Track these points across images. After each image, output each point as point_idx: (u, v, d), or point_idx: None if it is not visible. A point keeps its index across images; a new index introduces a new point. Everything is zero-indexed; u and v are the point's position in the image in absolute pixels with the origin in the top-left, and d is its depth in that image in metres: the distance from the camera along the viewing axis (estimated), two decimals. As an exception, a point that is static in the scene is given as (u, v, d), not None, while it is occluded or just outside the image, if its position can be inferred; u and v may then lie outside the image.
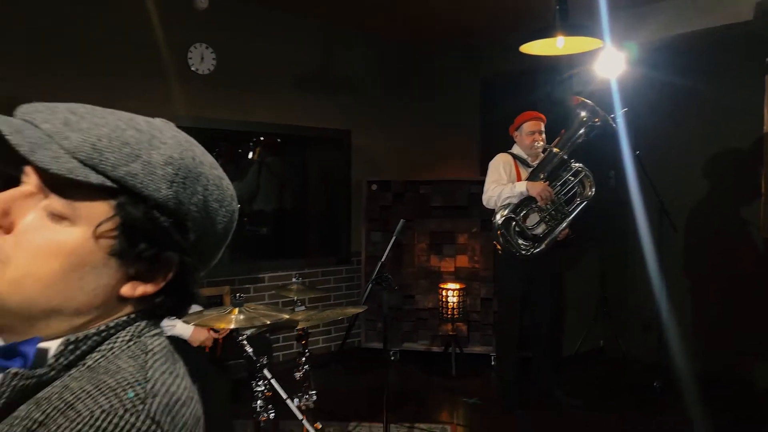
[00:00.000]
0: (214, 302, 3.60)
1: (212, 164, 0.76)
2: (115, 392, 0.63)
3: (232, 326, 2.21)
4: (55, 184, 0.66)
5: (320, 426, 2.52)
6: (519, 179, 4.00)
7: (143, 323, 0.73)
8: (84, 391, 0.63)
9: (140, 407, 0.62)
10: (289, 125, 5.19)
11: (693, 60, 4.70)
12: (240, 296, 2.34)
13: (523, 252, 3.96)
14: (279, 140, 5.53)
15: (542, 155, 4.01)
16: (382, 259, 2.96)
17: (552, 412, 4.07)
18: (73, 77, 4.05)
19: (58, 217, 0.67)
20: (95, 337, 0.69)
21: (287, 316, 2.43)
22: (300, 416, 2.38)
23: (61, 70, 4.00)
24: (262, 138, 5.47)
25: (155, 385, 0.66)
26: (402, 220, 3.07)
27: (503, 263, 4.16)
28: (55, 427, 0.61)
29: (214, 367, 3.02)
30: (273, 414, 2.33)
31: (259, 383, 2.32)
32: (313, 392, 2.78)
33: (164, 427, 0.63)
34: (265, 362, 2.33)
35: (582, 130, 3.89)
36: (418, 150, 5.77)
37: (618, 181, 5.10)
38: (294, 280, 3.06)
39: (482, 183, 4.11)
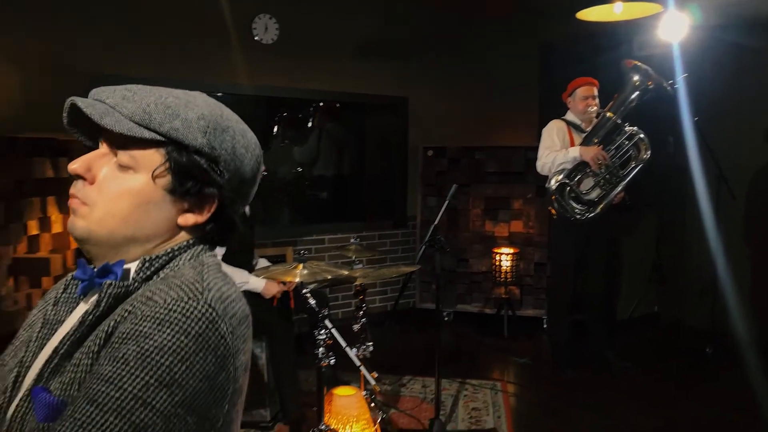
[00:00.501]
0: (278, 261, 3.83)
1: (238, 120, 0.99)
2: (181, 287, 0.85)
3: (297, 280, 2.41)
4: (121, 143, 0.90)
5: (376, 375, 2.72)
6: (572, 145, 4.05)
7: (200, 247, 0.97)
8: (159, 289, 0.86)
9: (199, 296, 0.84)
10: (348, 92, 5.35)
11: (760, 23, 4.57)
12: (304, 252, 2.54)
13: (578, 216, 4.02)
14: (338, 105, 5.70)
15: (596, 120, 4.03)
16: (435, 222, 3.10)
17: (602, 373, 4.17)
18: (145, 48, 4.31)
19: (125, 168, 0.91)
20: (164, 257, 0.93)
21: (346, 272, 2.62)
22: (357, 363, 2.58)
23: (135, 42, 4.26)
24: (321, 104, 5.65)
25: (210, 284, 0.87)
26: (455, 185, 3.19)
27: (558, 228, 4.22)
28: (139, 313, 0.82)
29: (283, 319, 3.26)
30: (333, 360, 2.54)
31: (321, 332, 2.52)
32: (370, 344, 2.98)
33: (218, 312, 0.84)
34: (326, 313, 2.53)
35: (635, 94, 3.89)
36: (474, 116, 5.83)
37: (677, 147, 5.04)
38: (352, 240, 3.24)
39: (538, 149, 4.18)
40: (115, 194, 0.90)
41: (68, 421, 0.76)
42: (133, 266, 0.93)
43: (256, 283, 3.20)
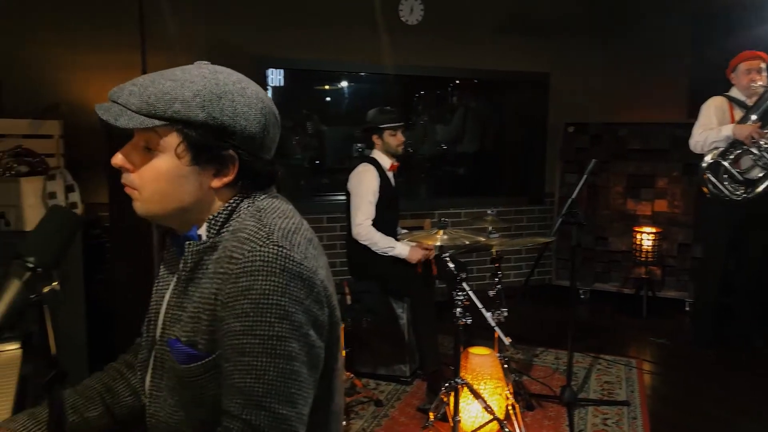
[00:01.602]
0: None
1: (236, 81, 1.09)
2: (249, 240, 1.03)
3: (437, 244, 2.63)
4: (144, 135, 1.06)
5: (510, 340, 2.87)
6: (733, 122, 3.88)
7: (251, 196, 1.12)
8: (234, 246, 1.04)
9: (267, 241, 1.02)
10: (489, 70, 5.45)
11: None
12: (444, 220, 2.75)
13: (734, 197, 3.87)
14: (476, 81, 5.82)
15: (757, 96, 3.83)
16: (573, 196, 3.17)
17: (747, 359, 4.02)
18: (296, 31, 4.70)
19: (152, 153, 1.07)
20: (223, 214, 1.10)
21: (484, 240, 2.80)
22: (493, 323, 2.75)
23: (287, 26, 4.67)
24: (458, 82, 5.80)
25: (271, 227, 1.05)
26: (594, 159, 3.23)
27: (710, 208, 4.05)
28: (232, 273, 1.01)
29: (425, 283, 3.51)
30: (470, 320, 2.74)
31: (459, 294, 2.73)
32: (504, 310, 3.14)
33: (286, 246, 1.03)
34: (464, 276, 2.73)
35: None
36: (617, 91, 5.69)
37: None
38: (489, 212, 3.40)
39: (688, 126, 4.06)
40: (151, 177, 1.07)
41: (236, 373, 0.99)
42: (203, 229, 1.11)
43: (402, 249, 3.46)
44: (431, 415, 2.85)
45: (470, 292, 2.71)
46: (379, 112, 3.61)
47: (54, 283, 0.96)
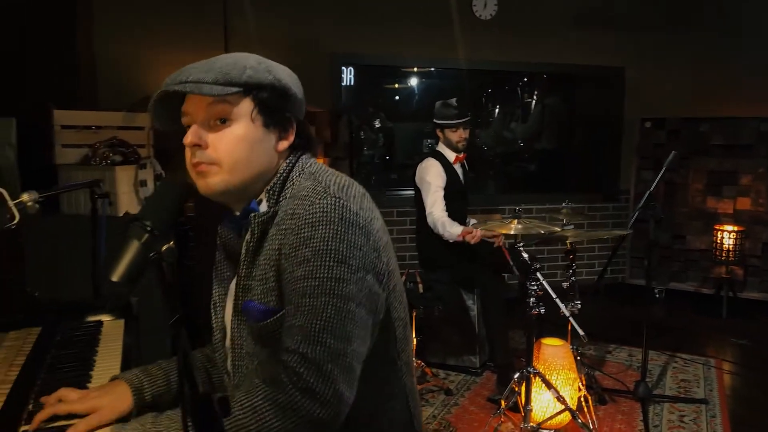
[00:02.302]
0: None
1: (277, 64, 1.20)
2: (308, 196, 1.11)
3: (512, 232, 2.65)
4: (214, 106, 1.13)
5: (583, 333, 2.85)
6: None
7: (300, 162, 1.22)
8: (295, 204, 1.12)
9: (325, 194, 1.11)
10: (563, 64, 5.39)
11: None
12: (519, 209, 2.77)
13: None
14: (545, 76, 5.75)
15: None
16: (650, 189, 3.11)
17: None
18: (371, 26, 4.79)
19: (226, 124, 1.14)
20: (279, 182, 1.19)
21: (559, 230, 2.79)
22: (567, 313, 2.75)
23: (356, 23, 4.76)
24: (526, 79, 5.75)
25: (326, 182, 1.14)
26: (674, 152, 3.16)
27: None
28: (294, 227, 1.10)
29: (495, 275, 3.52)
30: (543, 310, 2.74)
31: (533, 283, 2.74)
32: (578, 302, 3.12)
33: (343, 198, 1.11)
34: (538, 266, 2.74)
35: None
36: (697, 85, 5.50)
37: None
38: (564, 205, 3.38)
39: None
40: (231, 146, 1.13)
41: (297, 315, 1.07)
42: (263, 199, 1.20)
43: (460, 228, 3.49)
44: (503, 403, 2.87)
45: (544, 282, 2.71)
46: (443, 106, 3.65)
47: (171, 243, 1.06)
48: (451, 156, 3.66)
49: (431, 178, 3.56)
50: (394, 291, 1.21)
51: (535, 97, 5.94)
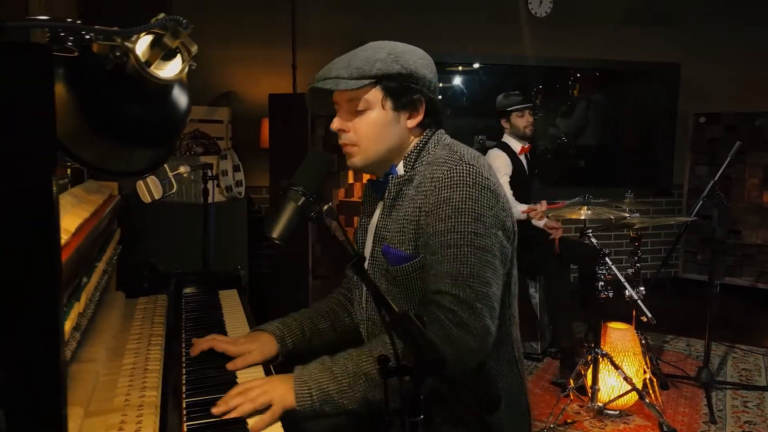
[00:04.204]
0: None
1: (405, 45, 1.39)
2: (446, 163, 1.32)
3: (582, 218, 2.77)
4: (354, 97, 1.35)
5: (650, 315, 2.94)
6: None
7: (435, 134, 1.41)
8: (433, 170, 1.33)
9: (461, 161, 1.32)
10: (617, 60, 5.45)
11: None
12: (588, 196, 2.88)
13: None
14: (597, 73, 5.81)
15: None
16: (715, 178, 3.19)
17: None
18: (424, 22, 4.93)
19: (363, 111, 1.36)
20: (416, 150, 1.40)
21: (628, 215, 2.90)
22: (635, 297, 2.85)
23: (413, 19, 4.91)
24: (578, 75, 5.82)
25: (461, 152, 1.36)
26: (738, 141, 3.24)
27: None
28: (435, 189, 1.29)
29: (558, 261, 3.62)
30: (612, 293, 2.85)
31: (601, 268, 2.85)
32: (642, 288, 3.20)
33: (476, 166, 1.31)
34: (606, 252, 2.84)
35: None
36: (752, 80, 5.51)
37: None
38: (626, 195, 3.46)
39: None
40: (368, 130, 1.36)
41: (444, 262, 1.25)
42: (400, 166, 1.41)
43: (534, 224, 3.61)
44: (570, 382, 2.98)
45: (613, 267, 2.82)
46: (505, 96, 3.77)
47: (329, 204, 1.22)
48: (517, 146, 3.77)
49: (498, 164, 3.67)
50: (515, 250, 1.39)
51: (587, 93, 6.00)
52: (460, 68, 5.92)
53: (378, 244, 1.41)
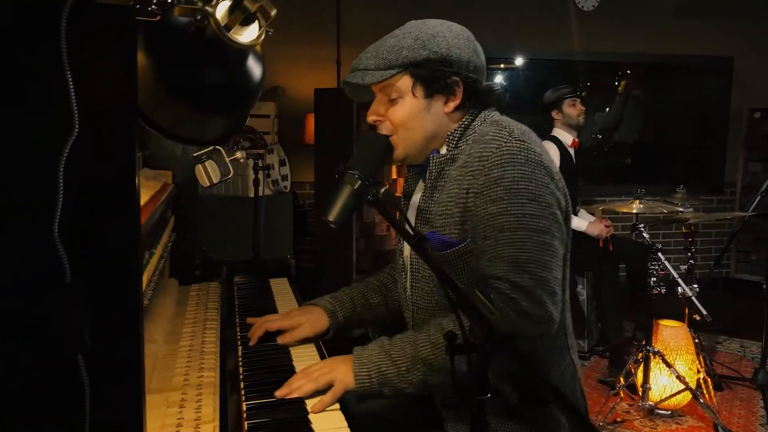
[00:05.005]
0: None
1: (442, 22, 1.32)
2: (495, 139, 1.25)
3: (634, 212, 2.70)
4: (385, 87, 1.30)
5: (705, 313, 2.86)
6: None
7: (482, 113, 1.34)
8: (481, 148, 1.25)
9: (511, 137, 1.24)
10: (667, 55, 5.31)
11: None
12: (641, 190, 2.81)
13: None
14: (647, 68, 5.66)
15: None
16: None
17: None
18: (470, 19, 4.88)
19: (396, 100, 1.30)
20: (458, 130, 1.32)
21: (682, 209, 2.82)
22: (689, 293, 2.77)
23: (460, 14, 4.87)
24: (628, 71, 5.67)
25: (510, 128, 1.27)
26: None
27: None
28: (484, 168, 1.22)
29: (606, 258, 3.55)
30: (664, 289, 2.77)
31: (654, 264, 2.78)
32: (695, 286, 3.12)
33: (527, 142, 1.23)
34: (659, 246, 2.77)
35: None
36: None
37: None
38: (679, 189, 3.37)
39: None
40: (401, 120, 1.30)
41: (499, 247, 1.19)
42: (443, 147, 1.35)
43: (578, 222, 3.52)
44: (621, 380, 2.91)
45: (666, 263, 2.75)
46: (554, 90, 3.71)
47: (386, 186, 1.21)
48: (568, 139, 3.68)
49: None
50: (570, 231, 1.33)
51: (635, 88, 5.86)
52: (502, 66, 5.85)
53: (421, 227, 1.36)
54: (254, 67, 0.89)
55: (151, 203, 1.43)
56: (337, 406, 1.17)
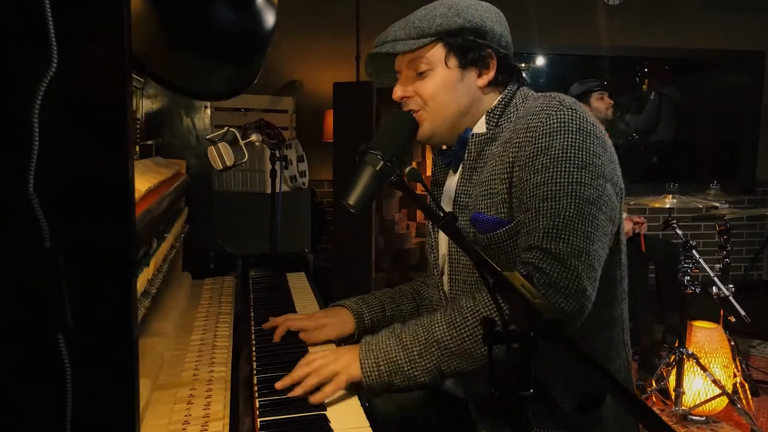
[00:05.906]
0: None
1: (474, 3, 1.24)
2: (542, 110, 1.14)
3: (666, 206, 2.58)
4: (414, 60, 1.22)
5: (744, 313, 2.72)
6: None
7: (520, 89, 1.26)
8: (527, 120, 1.15)
9: (559, 106, 1.13)
10: (695, 49, 5.16)
11: None
12: (674, 185, 2.68)
13: None
14: (666, 67, 5.52)
15: None
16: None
17: None
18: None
19: (425, 73, 1.22)
20: (500, 106, 1.23)
21: (718, 204, 2.68)
22: (726, 292, 2.63)
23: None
24: (654, 65, 5.53)
25: (557, 97, 1.16)
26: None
27: None
28: (531, 139, 1.12)
29: (635, 256, 3.42)
30: (699, 289, 2.64)
31: (687, 261, 2.64)
32: (731, 285, 2.97)
33: (577, 110, 1.13)
34: (693, 243, 2.64)
35: None
36: None
37: None
38: (712, 186, 3.23)
39: None
40: (432, 93, 1.22)
41: (539, 218, 1.07)
42: (481, 123, 1.24)
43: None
44: (653, 383, 2.78)
45: (701, 260, 2.62)
46: (581, 83, 3.58)
47: (412, 165, 1.12)
48: (597, 134, 3.57)
49: None
50: (622, 212, 1.21)
51: (663, 83, 5.70)
52: (522, 65, 5.73)
53: (459, 213, 1.24)
54: (264, 11, 0.79)
55: (161, 188, 1.35)
56: (358, 402, 1.08)
